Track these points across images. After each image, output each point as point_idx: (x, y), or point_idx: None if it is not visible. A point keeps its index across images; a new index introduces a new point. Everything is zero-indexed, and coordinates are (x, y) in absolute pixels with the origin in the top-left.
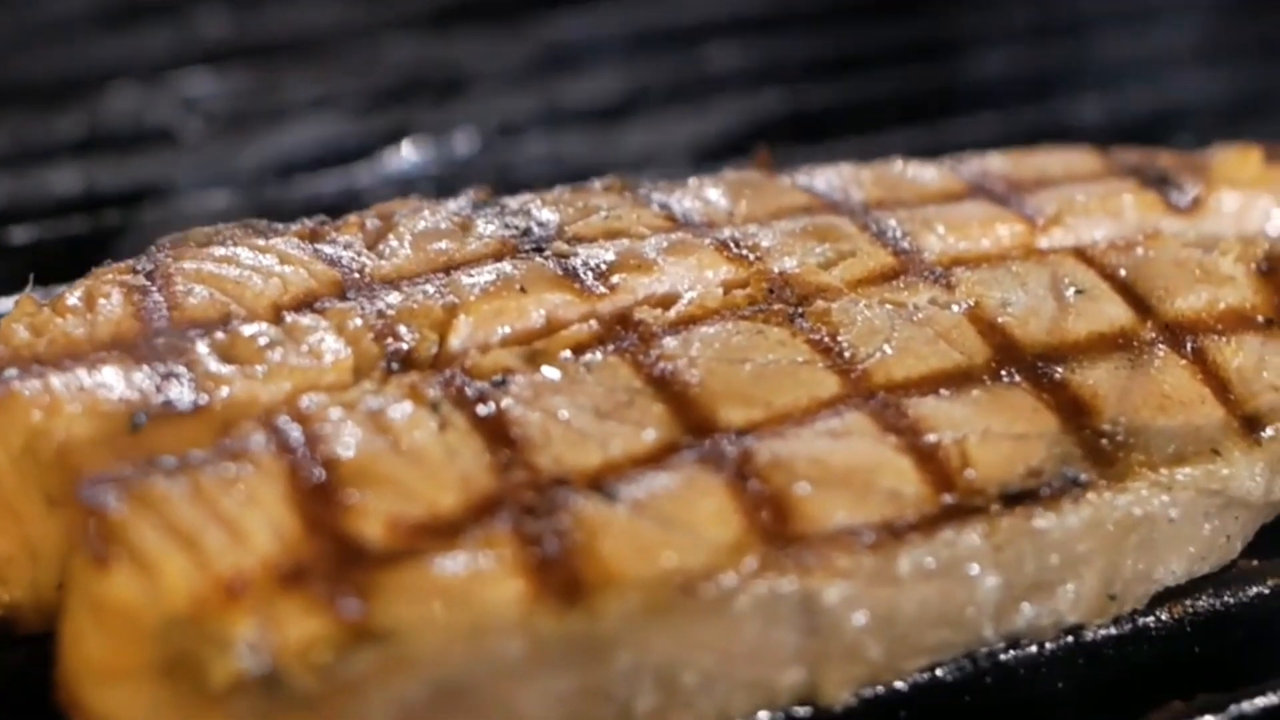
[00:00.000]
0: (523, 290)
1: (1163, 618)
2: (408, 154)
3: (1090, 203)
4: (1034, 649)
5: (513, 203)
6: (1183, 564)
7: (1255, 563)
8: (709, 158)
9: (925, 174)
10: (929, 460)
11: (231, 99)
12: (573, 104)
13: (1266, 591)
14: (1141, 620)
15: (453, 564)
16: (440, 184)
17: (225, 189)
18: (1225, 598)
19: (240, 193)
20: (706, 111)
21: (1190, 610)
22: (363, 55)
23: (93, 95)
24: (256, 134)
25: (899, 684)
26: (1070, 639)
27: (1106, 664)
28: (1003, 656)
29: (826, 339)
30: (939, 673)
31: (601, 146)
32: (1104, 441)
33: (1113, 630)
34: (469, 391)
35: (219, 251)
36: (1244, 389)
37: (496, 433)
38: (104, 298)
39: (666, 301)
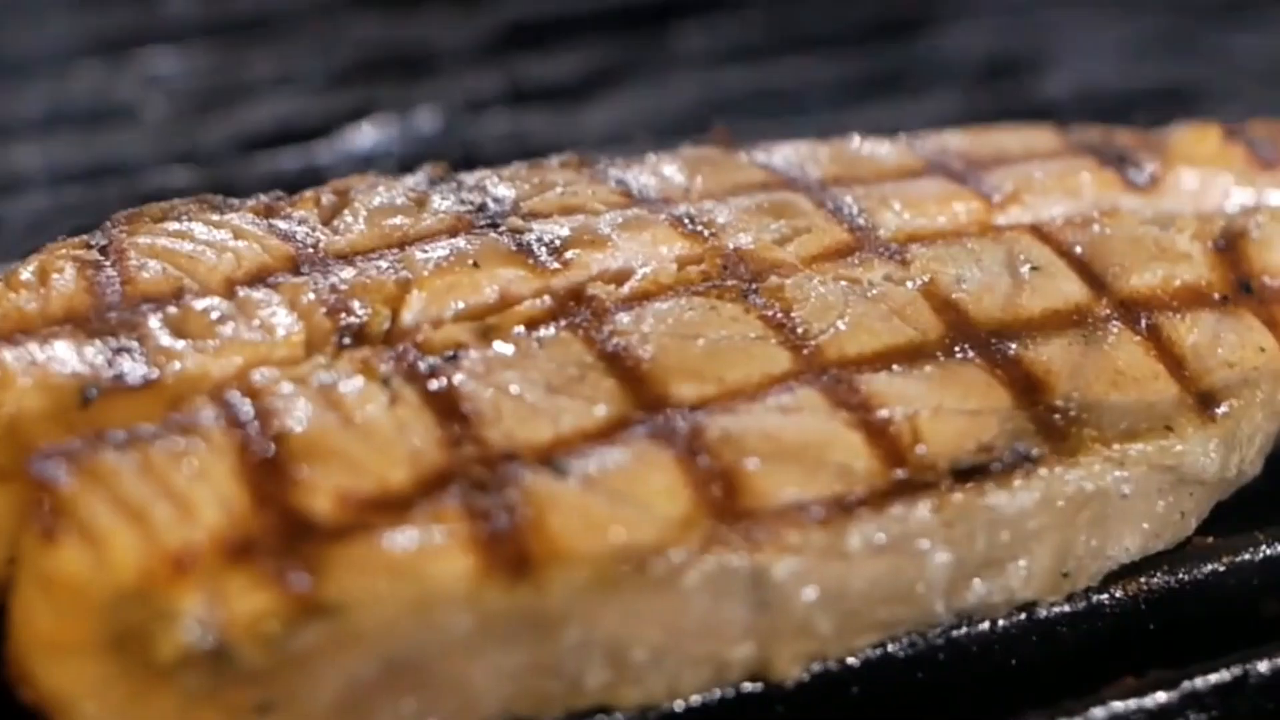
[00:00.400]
0: (476, 265)
1: (1117, 594)
2: (371, 131)
3: (1048, 180)
4: (986, 625)
5: (469, 179)
6: (1137, 541)
7: (1210, 540)
8: (672, 134)
9: (883, 151)
10: (880, 436)
11: (194, 76)
12: (536, 81)
13: (1221, 569)
14: (1095, 597)
15: (401, 538)
16: (403, 161)
17: (187, 166)
18: (1179, 574)
19: (202, 170)
20: (669, 88)
21: (1144, 587)
22: (326, 33)
23: (56, 72)
24: (219, 111)
25: (851, 660)
26: (1023, 615)
27: (1059, 641)
28: (955, 633)
29: (780, 315)
30: (891, 649)
31: (565, 124)
32: (1057, 417)
33: (1066, 607)
34: (420, 366)
35: (173, 227)
36: (1198, 365)
37: (447, 407)
38: (57, 272)
39: (620, 277)
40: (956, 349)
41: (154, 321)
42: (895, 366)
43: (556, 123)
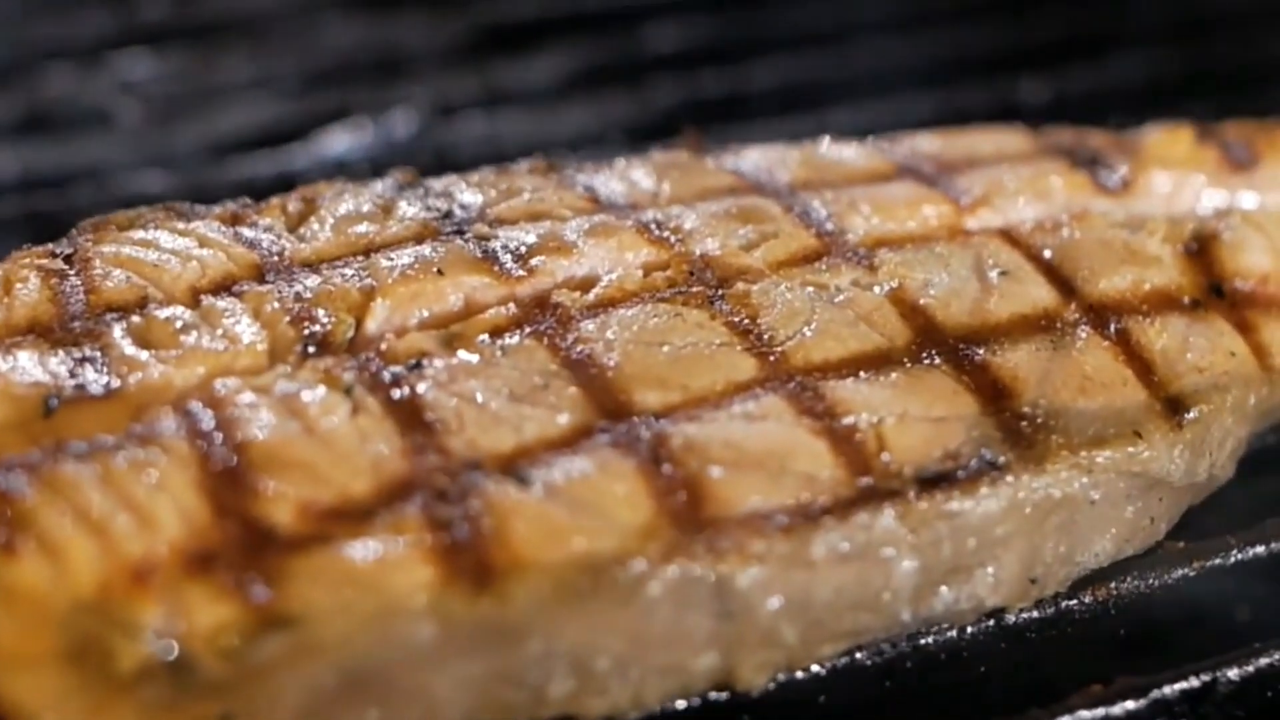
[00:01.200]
0: (440, 273)
1: (1086, 600)
2: (345, 136)
3: (1018, 184)
4: (954, 633)
5: (436, 185)
6: (1106, 547)
7: (1181, 545)
8: (647, 138)
9: (853, 155)
10: (845, 443)
11: (168, 81)
12: (512, 85)
13: (1191, 574)
14: (1065, 603)
15: (362, 549)
16: (377, 166)
17: (161, 171)
18: (1150, 580)
19: (176, 175)
20: (645, 92)
21: (1114, 593)
22: (301, 36)
23: (29, 77)
24: (193, 116)
25: (817, 668)
26: (992, 622)
27: (1029, 647)
28: (923, 640)
29: (746, 321)
30: (858, 657)
31: (541, 127)
32: (1023, 424)
33: (1035, 613)
34: (384, 375)
35: (139, 235)
36: (1168, 371)
37: (410, 417)
38: (20, 282)
39: (586, 284)
40: (924, 355)
41: (118, 331)
42: (861, 373)
43: (532, 126)
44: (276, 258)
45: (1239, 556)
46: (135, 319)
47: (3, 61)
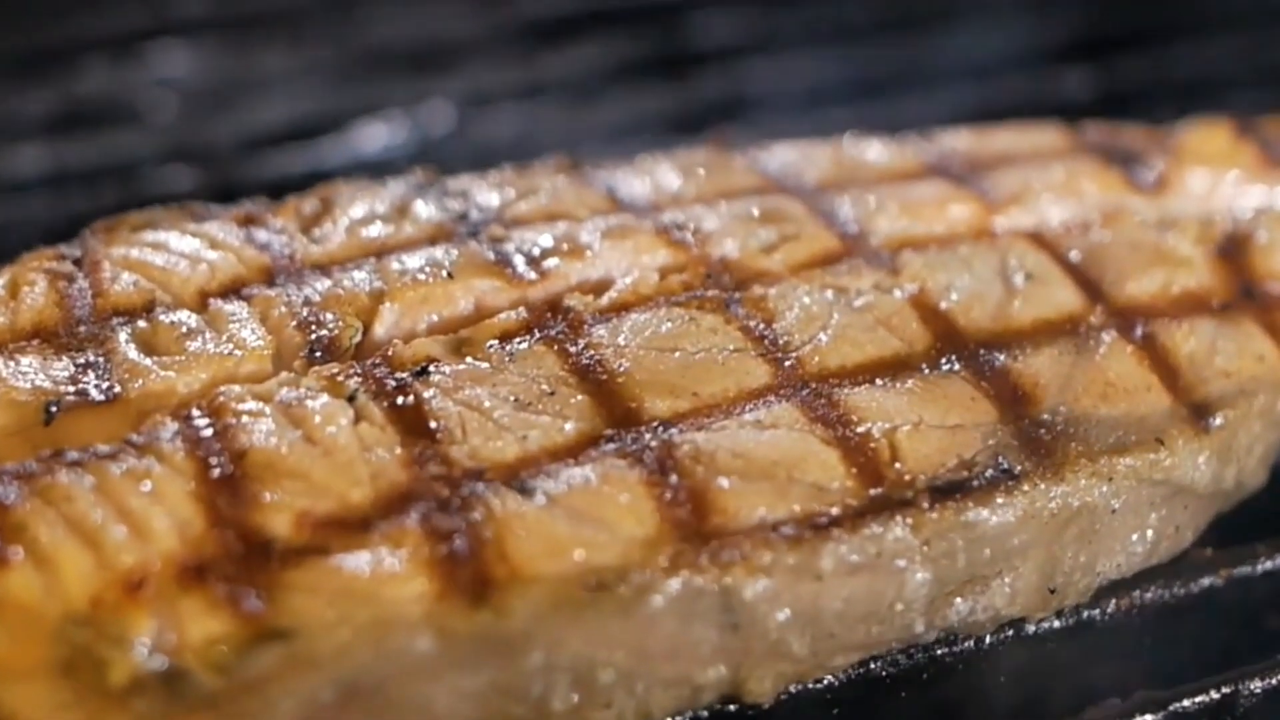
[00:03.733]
0: (450, 277)
1: (1109, 610)
2: (380, 130)
3: (1050, 183)
4: (972, 643)
5: (455, 184)
6: (1129, 556)
7: (1209, 552)
8: (687, 131)
9: (883, 153)
10: (856, 452)
11: (203, 75)
12: (551, 78)
13: (1219, 584)
14: (1087, 612)
15: (358, 561)
16: (411, 161)
17: (191, 167)
18: (1175, 589)
19: (207, 171)
20: (688, 85)
21: (1138, 602)
22: (338, 29)
23: (64, 71)
24: (227, 110)
25: (831, 679)
26: (1011, 632)
27: (1049, 657)
28: (939, 651)
29: (761, 326)
30: (873, 667)
31: (579, 121)
32: (1042, 431)
33: (1056, 623)
34: (388, 382)
35: (150, 237)
36: (1194, 375)
37: (413, 425)
38: (28, 285)
39: (600, 288)
40: (942, 361)
41: (123, 336)
42: (877, 380)
43: (571, 119)
44: (287, 260)
45: (1268, 565)
46: (141, 323)
47: (37, 55)
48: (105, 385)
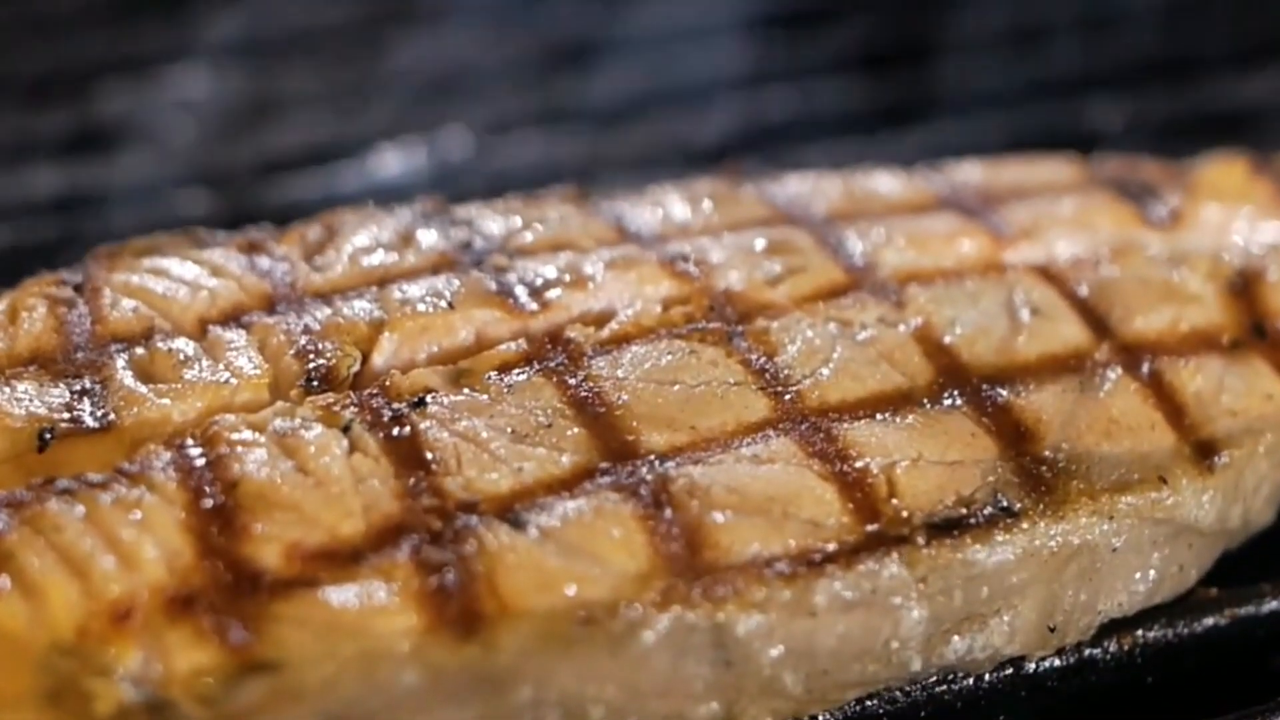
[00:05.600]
0: (451, 307)
1: (1110, 649)
2: (398, 156)
3: (1061, 217)
4: (971, 681)
5: (461, 213)
6: (1131, 594)
7: (1214, 591)
8: (707, 160)
9: (894, 185)
10: (853, 488)
11: (223, 98)
12: (571, 105)
13: (1223, 623)
14: (1088, 651)
15: (347, 593)
16: (432, 187)
17: (207, 191)
18: (1178, 628)
19: (221, 195)
20: (708, 114)
21: (1140, 641)
22: (358, 54)
23: (80, 92)
24: (245, 134)
25: (826, 716)
26: (1011, 670)
27: (1050, 696)
28: (939, 688)
29: (762, 359)
30: (870, 704)
31: (599, 149)
32: (1043, 468)
33: (1056, 661)
34: (385, 413)
35: (152, 263)
36: (1200, 414)
37: (408, 456)
38: (27, 311)
39: (602, 319)
40: (944, 396)
41: (120, 363)
42: (877, 414)
43: (590, 148)
44: (289, 288)
45: (1274, 604)
46: (139, 350)
47: (55, 77)
48: (100, 413)
